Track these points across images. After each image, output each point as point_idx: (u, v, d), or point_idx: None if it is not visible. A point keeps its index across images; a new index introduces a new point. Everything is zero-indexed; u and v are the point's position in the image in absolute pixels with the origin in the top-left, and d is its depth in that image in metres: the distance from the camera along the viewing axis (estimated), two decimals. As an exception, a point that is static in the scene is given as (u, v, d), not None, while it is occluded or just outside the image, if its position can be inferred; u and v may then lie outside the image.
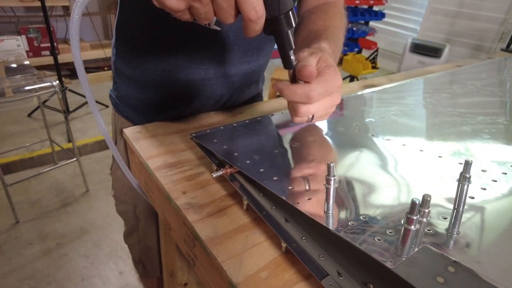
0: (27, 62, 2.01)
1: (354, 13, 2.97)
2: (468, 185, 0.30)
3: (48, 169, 1.99)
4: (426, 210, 0.25)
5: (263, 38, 0.68)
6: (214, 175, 0.45)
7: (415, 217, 0.24)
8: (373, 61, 3.30)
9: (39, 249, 1.62)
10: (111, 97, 0.76)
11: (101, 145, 2.44)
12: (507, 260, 0.27)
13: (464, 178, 0.30)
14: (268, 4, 0.38)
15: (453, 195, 0.33)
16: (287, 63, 0.46)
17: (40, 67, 2.76)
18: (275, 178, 0.40)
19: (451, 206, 0.33)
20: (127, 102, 0.72)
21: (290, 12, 0.40)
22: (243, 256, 0.40)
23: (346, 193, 0.38)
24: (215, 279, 0.43)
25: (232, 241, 0.42)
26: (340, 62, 3.22)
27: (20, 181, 1.92)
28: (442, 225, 0.31)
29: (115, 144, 0.78)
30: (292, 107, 0.50)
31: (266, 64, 0.77)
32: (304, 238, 0.36)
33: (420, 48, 3.50)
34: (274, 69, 2.81)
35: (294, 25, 0.42)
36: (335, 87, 0.49)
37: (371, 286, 0.30)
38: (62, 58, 3.15)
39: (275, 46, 0.47)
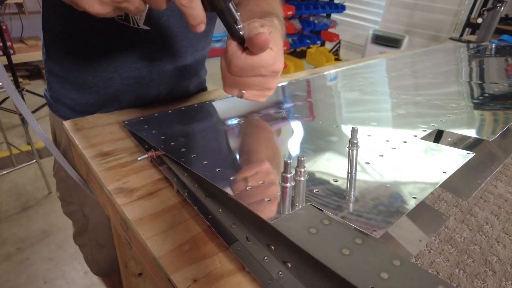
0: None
1: (315, 6, 3.03)
2: (356, 150, 0.33)
3: (5, 172, 1.92)
4: (302, 170, 0.28)
5: (194, 34, 0.68)
6: (139, 159, 0.46)
7: (288, 175, 0.27)
8: (336, 53, 3.38)
9: (-3, 254, 1.57)
10: (46, 97, 0.74)
11: (63, 146, 2.38)
12: (373, 212, 0.30)
13: (352, 144, 0.33)
14: None
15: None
16: (234, 35, 0.44)
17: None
18: (193, 155, 0.43)
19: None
20: (63, 102, 0.70)
21: None
22: (168, 233, 0.42)
23: (251, 162, 0.40)
24: (145, 258, 0.44)
25: (159, 220, 0.44)
26: (304, 55, 3.30)
27: (-25, 187, 1.84)
28: (334, 188, 0.34)
29: (55, 145, 0.77)
30: (222, 77, 0.48)
31: (204, 57, 0.78)
32: (220, 210, 0.39)
33: (381, 39, 3.63)
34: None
35: None
36: (269, 71, 0.47)
37: (272, 247, 0.32)
38: (19, 58, 3.03)
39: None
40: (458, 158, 0.40)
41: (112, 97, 0.69)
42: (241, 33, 0.44)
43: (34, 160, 1.87)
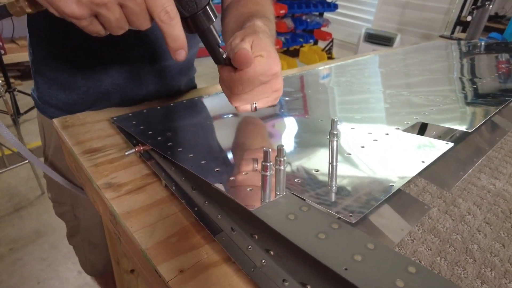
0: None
1: (307, 4, 3.04)
2: (337, 141, 0.34)
3: (-3, 173, 1.91)
4: (282, 159, 0.29)
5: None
6: (126, 153, 0.47)
7: (268, 164, 0.28)
8: (329, 51, 3.40)
9: (-10, 256, 1.56)
10: (33, 98, 0.73)
11: (56, 147, 2.36)
12: (351, 199, 0.31)
13: (332, 135, 0.34)
14: (183, 2, 0.38)
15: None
16: (216, 58, 0.45)
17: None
18: (179, 149, 0.43)
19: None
20: (50, 102, 0.70)
21: (207, 7, 0.40)
22: (155, 226, 0.42)
23: (235, 153, 0.41)
24: (133, 251, 0.45)
25: (147, 214, 0.44)
26: (297, 54, 3.31)
27: (-33, 188, 1.83)
28: (315, 177, 0.35)
29: (45, 145, 0.77)
30: (229, 96, 0.49)
31: (193, 56, 0.79)
32: (206, 202, 0.39)
33: (373, 38, 3.65)
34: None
35: (214, 19, 0.41)
36: (268, 76, 0.47)
37: (256, 236, 0.33)
38: (10, 58, 3.01)
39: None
40: (437, 148, 0.41)
41: (101, 97, 0.69)
42: (224, 55, 0.45)
43: (27, 161, 1.86)
